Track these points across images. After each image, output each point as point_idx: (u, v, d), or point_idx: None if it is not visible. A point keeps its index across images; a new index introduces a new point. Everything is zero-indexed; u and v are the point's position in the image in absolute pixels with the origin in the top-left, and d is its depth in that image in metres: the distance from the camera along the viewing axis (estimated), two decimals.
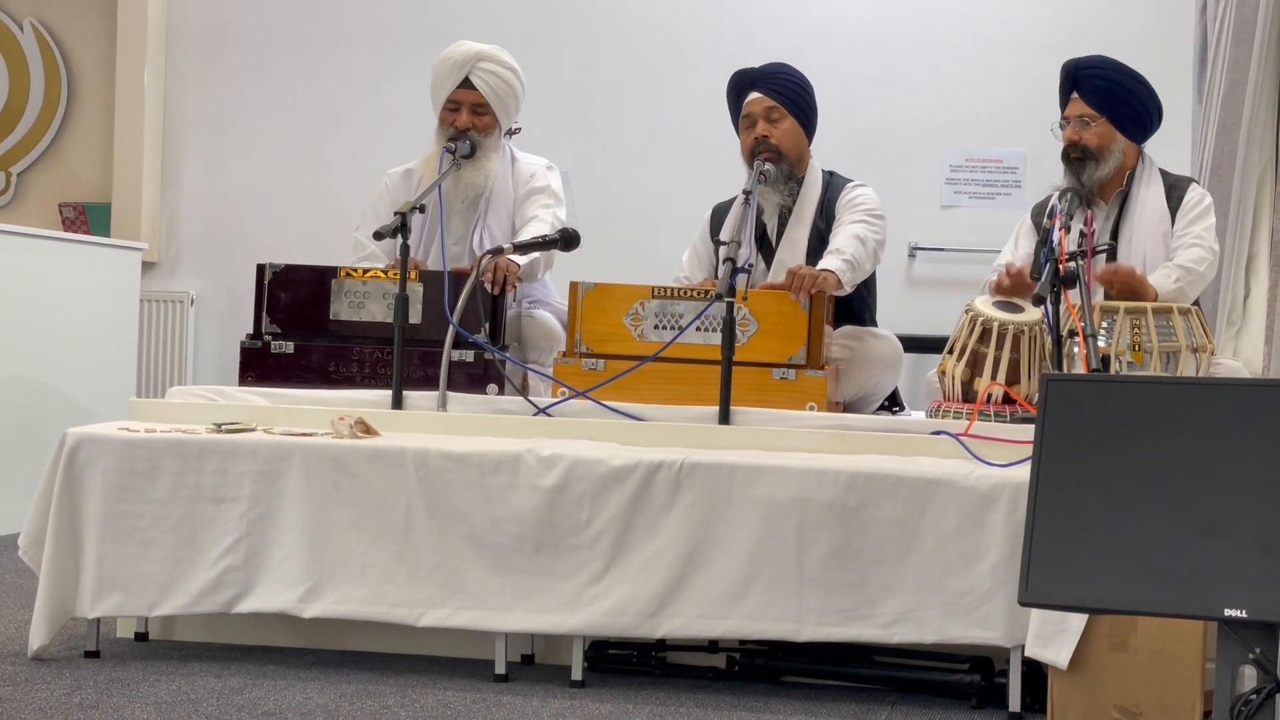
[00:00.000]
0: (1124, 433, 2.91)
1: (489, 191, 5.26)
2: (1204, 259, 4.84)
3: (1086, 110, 4.94)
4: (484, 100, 5.21)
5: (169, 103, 8.03)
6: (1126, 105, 4.94)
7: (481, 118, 5.22)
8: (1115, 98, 4.94)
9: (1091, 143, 4.92)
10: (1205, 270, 4.85)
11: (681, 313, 4.59)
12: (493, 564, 4.00)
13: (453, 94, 5.22)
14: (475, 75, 5.21)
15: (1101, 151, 4.93)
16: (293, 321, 4.86)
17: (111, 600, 4.12)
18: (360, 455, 4.08)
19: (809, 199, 5.09)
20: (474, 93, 5.21)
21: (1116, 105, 4.94)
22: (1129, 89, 4.95)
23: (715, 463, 3.94)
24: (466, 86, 5.21)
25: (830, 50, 7.18)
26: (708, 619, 3.90)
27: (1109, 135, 4.94)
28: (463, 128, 5.18)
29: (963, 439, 4.04)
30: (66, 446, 4.15)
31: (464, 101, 5.21)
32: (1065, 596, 2.91)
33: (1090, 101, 4.94)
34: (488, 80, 5.21)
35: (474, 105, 5.21)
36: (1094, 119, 4.93)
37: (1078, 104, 4.96)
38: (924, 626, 3.81)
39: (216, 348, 7.87)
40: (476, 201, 5.26)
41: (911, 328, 6.16)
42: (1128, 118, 4.95)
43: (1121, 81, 4.95)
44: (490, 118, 5.24)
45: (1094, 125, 4.93)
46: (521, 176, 5.35)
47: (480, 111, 5.22)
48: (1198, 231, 4.89)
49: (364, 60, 7.74)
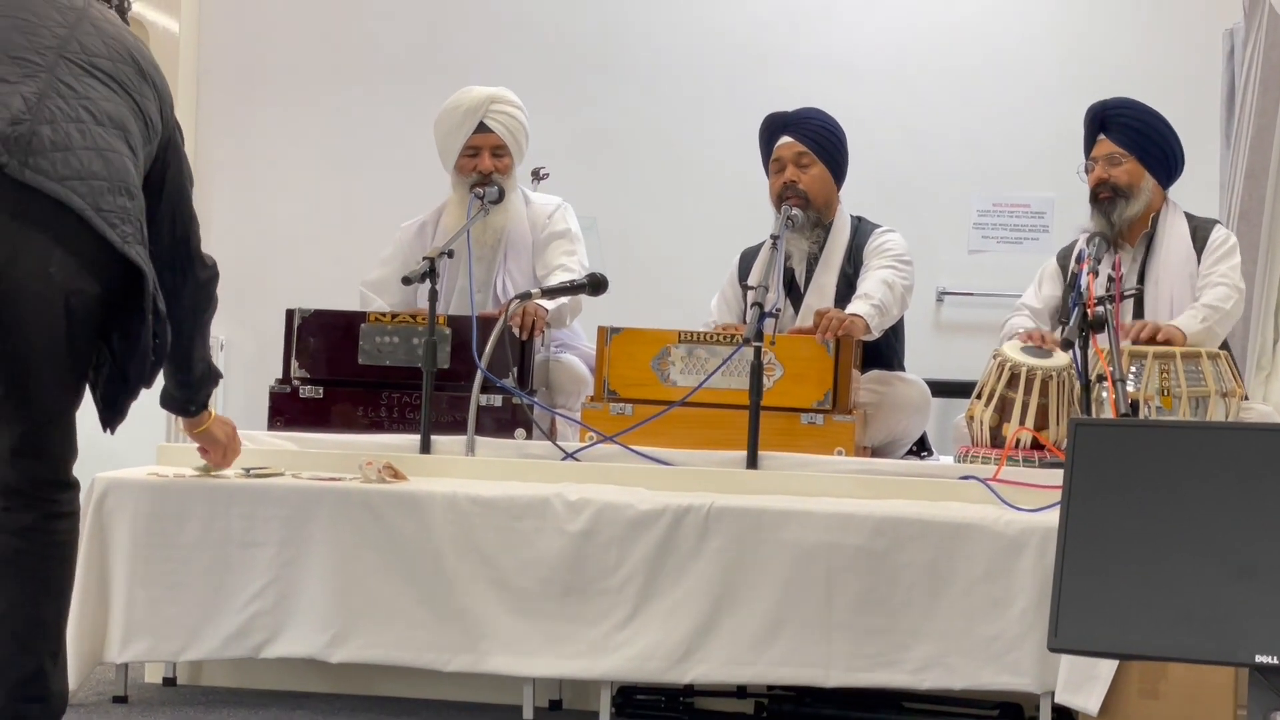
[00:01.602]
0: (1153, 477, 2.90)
1: (506, 235, 5.27)
2: (1230, 297, 4.82)
3: (1115, 149, 4.95)
4: (502, 142, 5.23)
5: (199, 148, 8.07)
6: (1155, 145, 4.96)
7: (502, 159, 5.25)
8: (1144, 137, 4.96)
9: (1121, 180, 4.93)
10: (1232, 308, 4.83)
11: (709, 357, 4.59)
12: (520, 609, 3.99)
13: (470, 140, 5.23)
14: (490, 118, 5.23)
15: (1131, 189, 4.93)
16: (321, 366, 4.87)
17: (140, 645, 4.12)
18: (388, 500, 4.08)
19: (837, 244, 5.10)
20: (491, 136, 5.23)
21: (1145, 145, 4.95)
22: (1157, 129, 4.98)
23: (743, 507, 3.94)
24: (482, 131, 5.23)
25: (856, 94, 7.18)
26: (736, 664, 3.89)
27: (1138, 173, 4.95)
28: (487, 171, 5.20)
29: (991, 484, 4.03)
30: (96, 491, 4.17)
31: (483, 146, 5.23)
32: (1095, 642, 2.89)
33: (1119, 140, 4.95)
34: (503, 121, 5.23)
35: (494, 148, 5.23)
36: (1123, 157, 4.94)
37: (1105, 144, 4.97)
38: (953, 672, 3.79)
39: (246, 392, 7.87)
40: (496, 245, 5.27)
41: (939, 372, 6.14)
42: (1156, 158, 4.96)
43: (1149, 122, 4.98)
44: (509, 159, 5.26)
45: (1124, 163, 4.94)
46: (538, 218, 5.36)
47: (500, 154, 5.24)
48: (1223, 270, 4.88)
49: (393, 106, 7.77)
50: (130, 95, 3.45)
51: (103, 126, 3.34)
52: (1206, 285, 4.87)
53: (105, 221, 3.27)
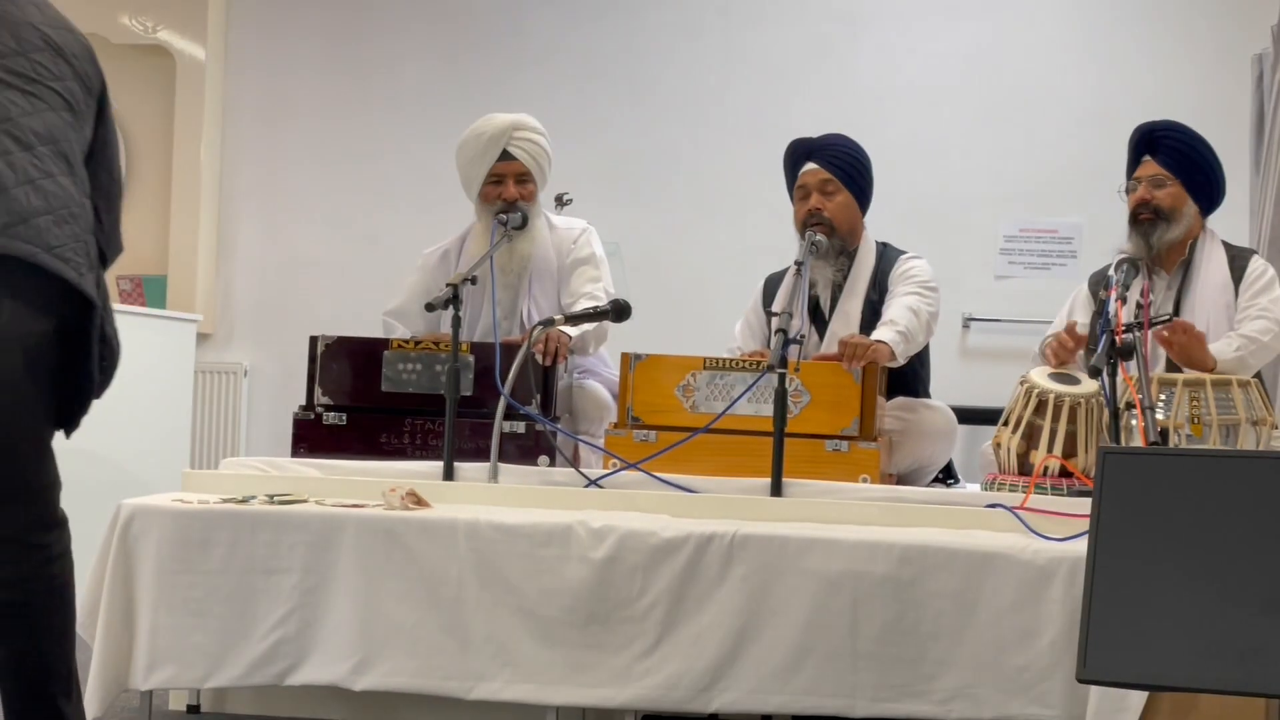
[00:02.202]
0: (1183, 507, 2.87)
1: (530, 261, 5.27)
2: (1270, 330, 4.78)
3: (1160, 171, 4.90)
4: (526, 169, 5.23)
5: (225, 177, 8.10)
6: (1200, 171, 4.92)
7: (526, 186, 5.24)
8: (1190, 161, 4.91)
9: (1165, 203, 4.88)
10: (1270, 341, 4.78)
11: (733, 384, 4.57)
12: (543, 637, 3.97)
13: (494, 168, 5.22)
14: (514, 146, 5.22)
15: (1174, 213, 4.89)
16: (345, 393, 4.87)
17: (164, 672, 4.11)
18: (411, 527, 4.07)
19: (863, 271, 5.08)
20: (516, 163, 5.22)
21: (1191, 169, 4.90)
22: (1203, 155, 4.94)
23: (767, 535, 3.91)
24: (506, 159, 5.22)
25: (883, 120, 7.18)
26: (761, 693, 3.86)
27: (1181, 197, 4.90)
28: (511, 199, 5.20)
29: (1019, 512, 4.00)
30: (121, 518, 4.17)
31: (508, 173, 5.23)
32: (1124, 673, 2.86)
33: (1165, 163, 4.90)
34: (526, 148, 5.23)
35: (518, 175, 5.23)
36: (1168, 179, 4.90)
37: (1150, 165, 4.93)
38: (981, 703, 3.75)
39: (270, 419, 7.89)
40: (521, 273, 5.26)
41: (966, 399, 6.12)
42: (1200, 183, 4.92)
43: (1196, 147, 4.94)
44: (532, 185, 5.26)
45: (1168, 185, 4.89)
46: (563, 244, 5.35)
47: (524, 180, 5.24)
48: (1264, 304, 4.83)
49: (417, 134, 7.79)
50: (52, 89, 3.27)
51: (30, 150, 3.18)
52: (1246, 317, 4.83)
53: (57, 258, 3.16)
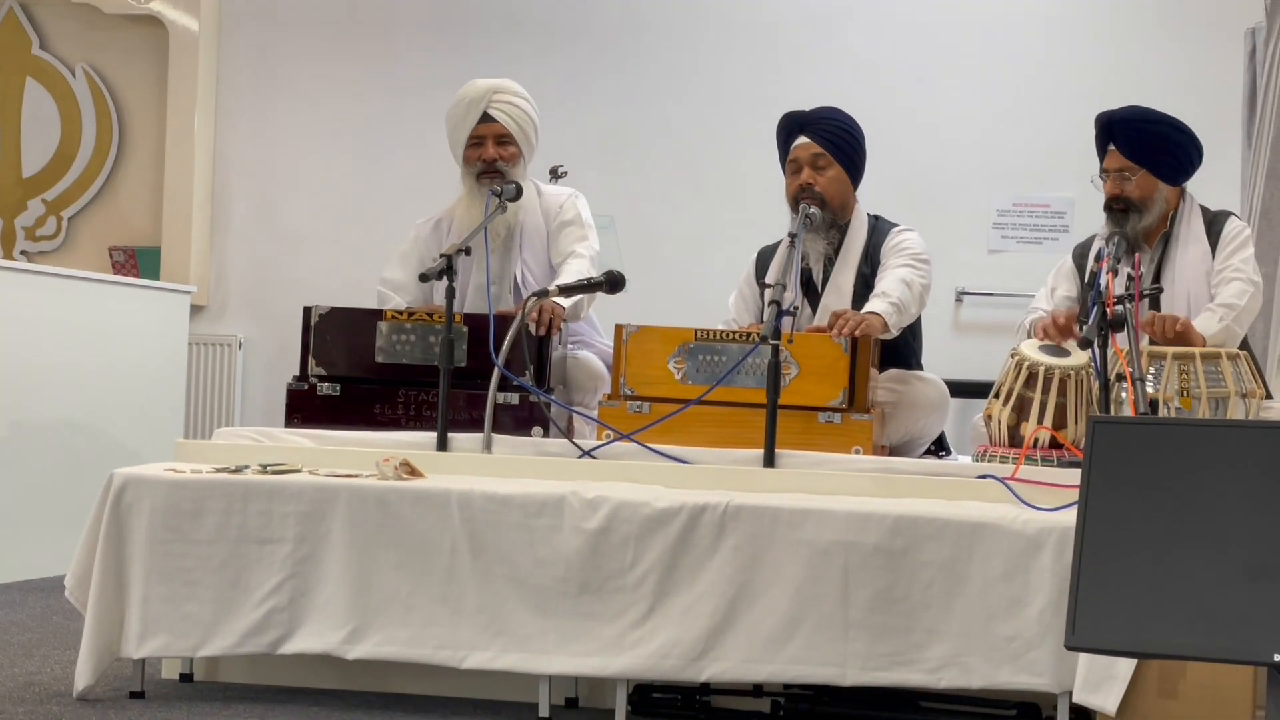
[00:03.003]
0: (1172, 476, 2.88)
1: (520, 227, 5.29)
2: (1245, 291, 4.77)
3: (1125, 164, 4.87)
4: (506, 131, 5.25)
5: (218, 147, 8.10)
6: (1165, 153, 4.87)
7: (506, 148, 5.26)
8: (1153, 148, 4.86)
9: (1134, 195, 4.86)
10: (1248, 303, 4.78)
11: (726, 356, 4.58)
12: (536, 606, 3.99)
13: (475, 130, 5.26)
14: (494, 108, 5.25)
15: (1145, 203, 4.87)
16: (339, 364, 4.88)
17: (156, 641, 4.12)
18: (405, 497, 4.08)
19: (855, 244, 5.08)
20: (495, 125, 5.25)
21: (1156, 155, 4.86)
22: (1166, 137, 4.88)
23: (760, 506, 3.93)
24: (486, 121, 5.25)
25: (876, 94, 7.18)
26: (752, 663, 3.88)
27: (1150, 185, 4.88)
28: (491, 159, 5.23)
29: (1009, 483, 4.02)
30: (113, 487, 4.17)
31: (487, 135, 5.26)
32: (1113, 641, 2.88)
33: (1128, 154, 4.87)
34: (507, 111, 5.25)
35: (497, 137, 5.26)
36: (1134, 171, 4.86)
37: (1116, 156, 4.90)
38: (971, 672, 3.77)
39: (264, 390, 7.91)
40: (509, 238, 5.28)
41: (958, 373, 6.13)
42: (1167, 165, 4.88)
43: (1158, 131, 4.88)
44: (514, 148, 5.27)
45: (1134, 178, 4.86)
46: (550, 209, 5.37)
47: (504, 142, 5.26)
48: (1236, 264, 4.82)
49: (411, 105, 7.79)
50: None
51: None
52: (1221, 280, 4.82)
53: None
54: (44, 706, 4.01)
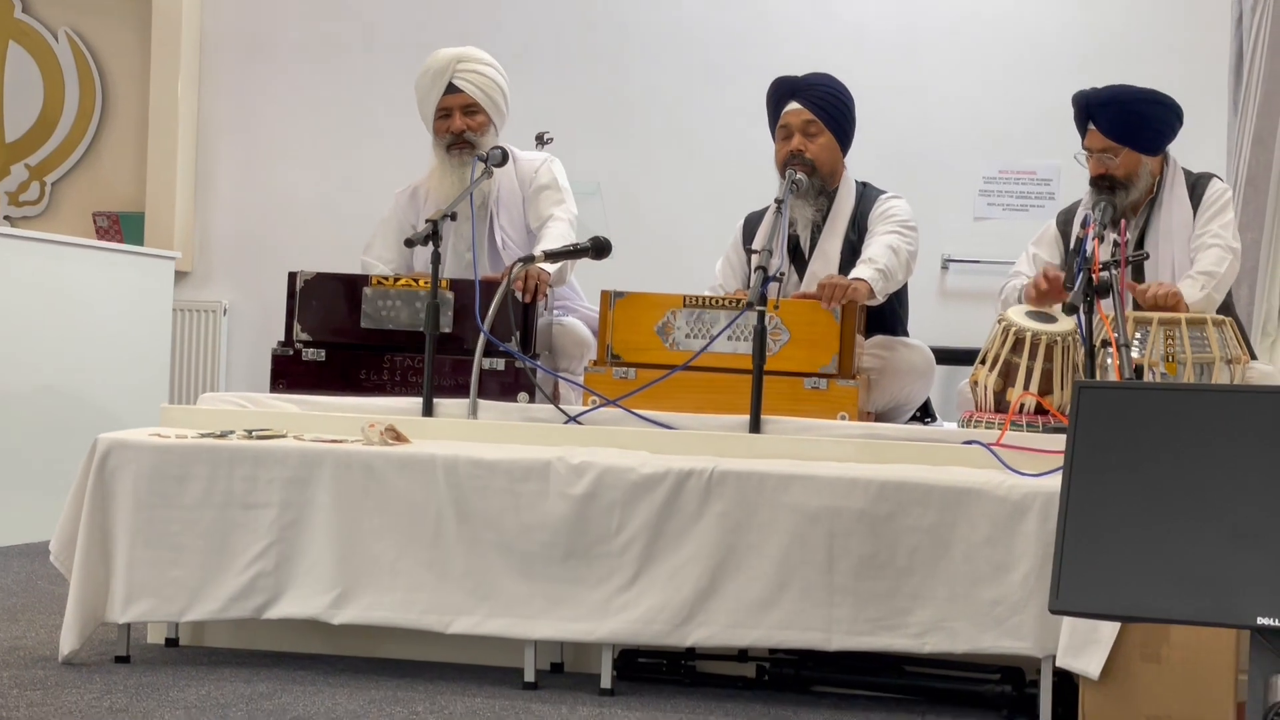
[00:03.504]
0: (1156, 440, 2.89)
1: (496, 192, 5.29)
2: (1224, 259, 4.78)
3: (1107, 143, 4.86)
4: (473, 101, 5.25)
5: (203, 112, 8.07)
6: (1146, 128, 4.86)
7: (474, 117, 5.26)
8: (1134, 126, 4.85)
9: (1118, 173, 4.86)
10: (1226, 271, 4.79)
11: (713, 321, 4.58)
12: (522, 571, 3.99)
13: (441, 101, 5.26)
14: (458, 78, 5.25)
15: (1130, 179, 4.87)
16: (324, 329, 4.87)
17: (142, 605, 4.13)
18: (390, 462, 4.08)
19: (842, 210, 5.07)
20: (461, 95, 5.25)
21: (1136, 133, 4.86)
22: (1145, 114, 4.87)
23: (746, 471, 3.93)
24: (452, 91, 5.24)
25: (863, 62, 7.16)
26: (737, 628, 3.89)
27: (1134, 161, 4.87)
28: (458, 130, 5.22)
29: (994, 449, 4.03)
30: (98, 452, 4.17)
31: (454, 106, 5.26)
32: (1096, 604, 2.89)
33: (1109, 134, 4.86)
34: (472, 80, 5.25)
35: (464, 107, 5.26)
36: (1116, 150, 4.86)
37: (1096, 136, 4.89)
38: (955, 636, 3.79)
39: (249, 356, 7.90)
40: (486, 204, 5.29)
41: (944, 340, 6.14)
42: (1148, 139, 4.87)
43: (1136, 109, 4.87)
44: (483, 116, 5.27)
45: (1117, 157, 4.87)
46: (525, 174, 5.38)
47: (472, 112, 5.26)
48: (1215, 229, 4.83)
49: (396, 69, 7.76)
50: None
51: None
52: (1200, 246, 4.82)
53: None
54: (29, 671, 4.01)
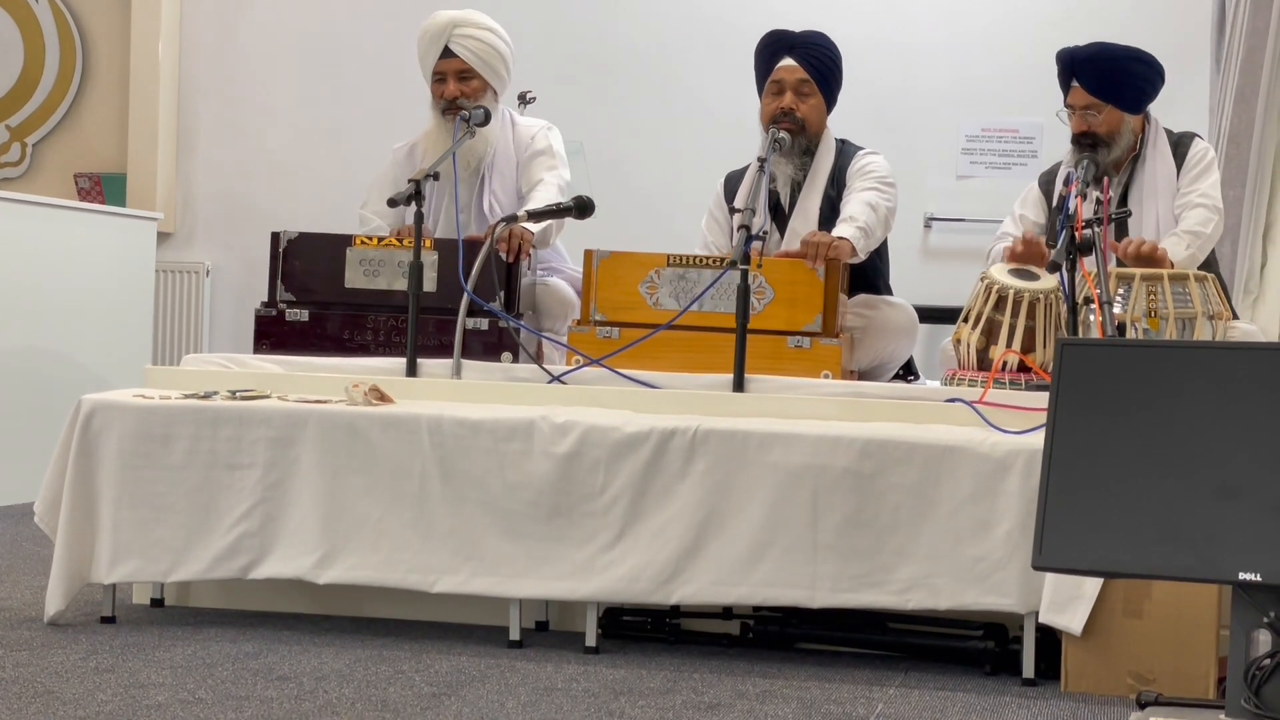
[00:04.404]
0: (1139, 397, 2.90)
1: (491, 156, 5.27)
2: (1209, 219, 4.80)
3: (1090, 100, 4.86)
4: (468, 66, 5.20)
5: (184, 73, 8.03)
6: (1130, 87, 4.87)
7: (469, 83, 5.21)
8: (1117, 84, 4.86)
9: (1101, 130, 4.87)
10: (1212, 231, 4.81)
11: (696, 281, 4.58)
12: (507, 531, 4.00)
13: (436, 65, 5.22)
14: (454, 43, 5.20)
15: (1112, 136, 4.88)
16: (307, 290, 4.86)
17: (127, 566, 4.13)
18: (374, 422, 4.08)
19: (822, 167, 5.07)
20: (456, 60, 5.20)
21: (1119, 91, 4.86)
22: (1128, 71, 4.87)
23: (729, 430, 3.94)
24: (448, 56, 5.20)
25: (846, 19, 7.13)
26: (721, 585, 3.91)
27: (1116, 119, 4.87)
28: (451, 97, 5.18)
29: (977, 406, 4.04)
30: (82, 413, 4.16)
31: (448, 71, 5.21)
32: (1079, 560, 2.91)
33: (1092, 91, 4.86)
34: (468, 45, 5.20)
35: (459, 73, 5.21)
36: (1099, 108, 4.86)
37: (1080, 93, 4.89)
38: (938, 593, 3.81)
39: (232, 317, 7.88)
40: (478, 168, 5.26)
41: (927, 298, 6.14)
42: (1132, 98, 4.88)
43: (1120, 66, 4.87)
44: (478, 82, 5.23)
45: (1100, 114, 4.87)
46: (522, 140, 5.35)
47: (466, 78, 5.21)
48: (1202, 190, 4.84)
49: (378, 28, 7.73)
50: None
51: None
52: (1185, 205, 4.84)
53: None
54: (15, 632, 4.01)
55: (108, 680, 3.52)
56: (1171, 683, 3.58)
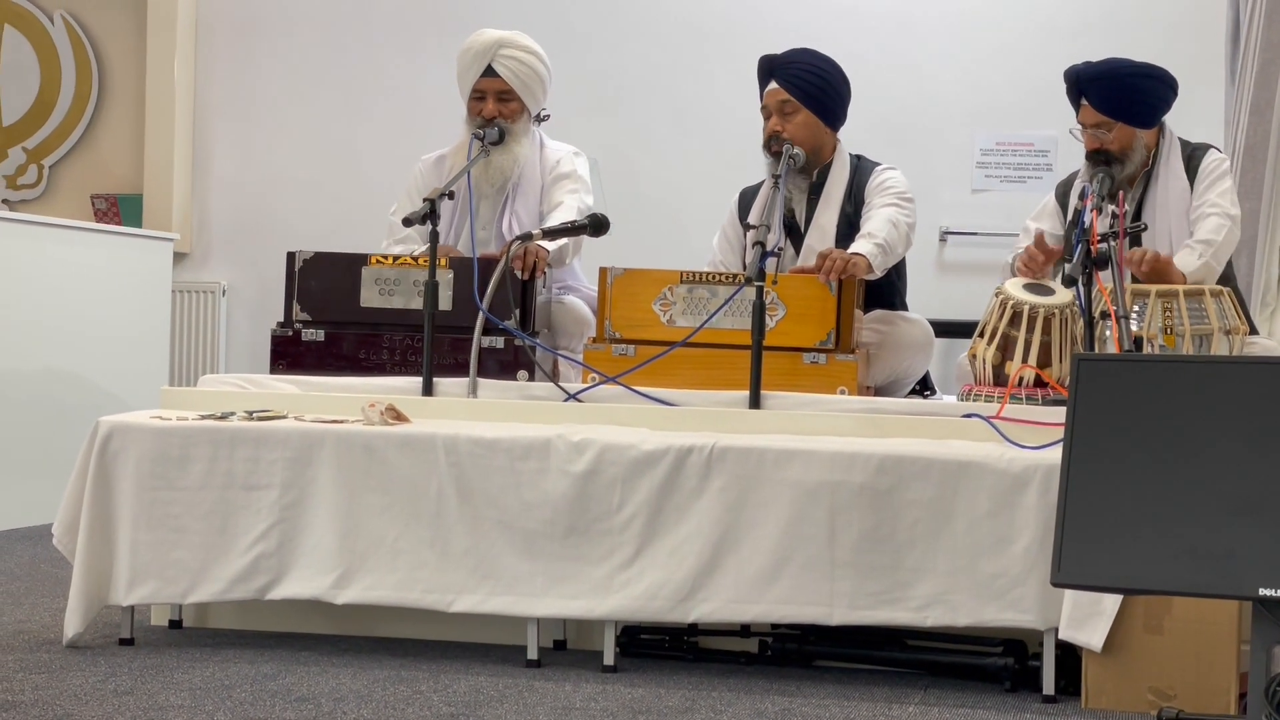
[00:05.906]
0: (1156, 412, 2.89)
1: (517, 177, 5.27)
2: (1222, 227, 4.77)
3: (1101, 119, 4.84)
4: (508, 87, 5.21)
5: (199, 93, 8.06)
6: (1140, 103, 4.84)
7: (508, 104, 5.22)
8: (1126, 101, 4.83)
9: (1113, 147, 4.85)
10: (1225, 238, 4.78)
11: (711, 298, 4.58)
12: (524, 549, 4.00)
13: (477, 83, 5.22)
14: (498, 63, 5.21)
15: (1125, 153, 4.86)
16: (323, 309, 4.87)
17: (145, 588, 4.13)
18: (391, 442, 4.08)
19: (837, 184, 5.06)
20: (498, 80, 5.21)
21: (1130, 107, 4.83)
22: (1137, 88, 4.85)
23: (746, 447, 3.94)
24: (490, 75, 5.21)
25: (858, 34, 7.15)
26: (739, 603, 3.90)
27: (1128, 135, 4.85)
28: (489, 116, 5.19)
29: (994, 422, 4.03)
30: (99, 435, 4.17)
31: (489, 90, 5.22)
32: (1098, 577, 2.90)
33: (1101, 109, 4.84)
34: (510, 67, 5.21)
35: (499, 93, 5.21)
36: (1110, 125, 4.85)
37: (1090, 112, 4.87)
38: (957, 610, 3.80)
39: (248, 337, 7.89)
40: (504, 187, 5.27)
41: (942, 312, 6.13)
42: (1142, 114, 4.85)
43: (1128, 84, 4.85)
44: (517, 104, 5.23)
45: (1111, 132, 4.85)
46: (549, 163, 5.35)
47: (506, 98, 5.22)
48: (1213, 199, 4.82)
49: (391, 48, 7.75)
50: None
51: None
52: (1199, 215, 4.81)
53: None
54: (34, 654, 4.02)
55: (126, 703, 3.52)
56: (1192, 698, 3.57)
